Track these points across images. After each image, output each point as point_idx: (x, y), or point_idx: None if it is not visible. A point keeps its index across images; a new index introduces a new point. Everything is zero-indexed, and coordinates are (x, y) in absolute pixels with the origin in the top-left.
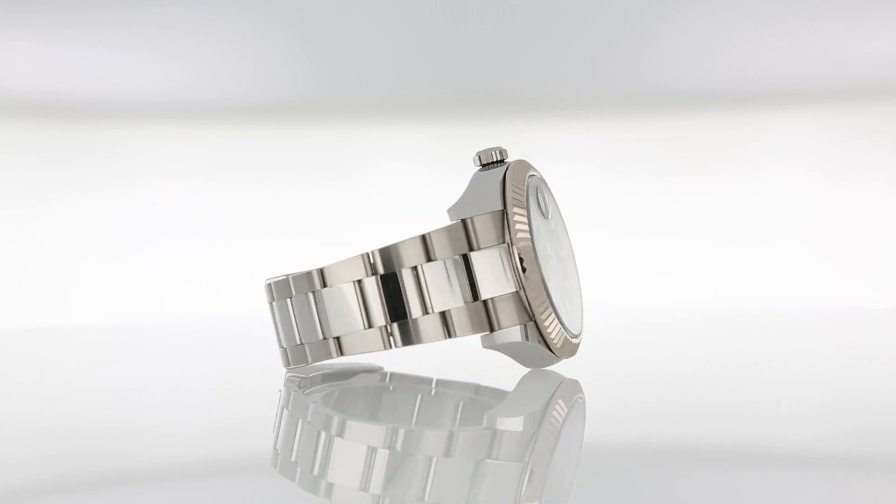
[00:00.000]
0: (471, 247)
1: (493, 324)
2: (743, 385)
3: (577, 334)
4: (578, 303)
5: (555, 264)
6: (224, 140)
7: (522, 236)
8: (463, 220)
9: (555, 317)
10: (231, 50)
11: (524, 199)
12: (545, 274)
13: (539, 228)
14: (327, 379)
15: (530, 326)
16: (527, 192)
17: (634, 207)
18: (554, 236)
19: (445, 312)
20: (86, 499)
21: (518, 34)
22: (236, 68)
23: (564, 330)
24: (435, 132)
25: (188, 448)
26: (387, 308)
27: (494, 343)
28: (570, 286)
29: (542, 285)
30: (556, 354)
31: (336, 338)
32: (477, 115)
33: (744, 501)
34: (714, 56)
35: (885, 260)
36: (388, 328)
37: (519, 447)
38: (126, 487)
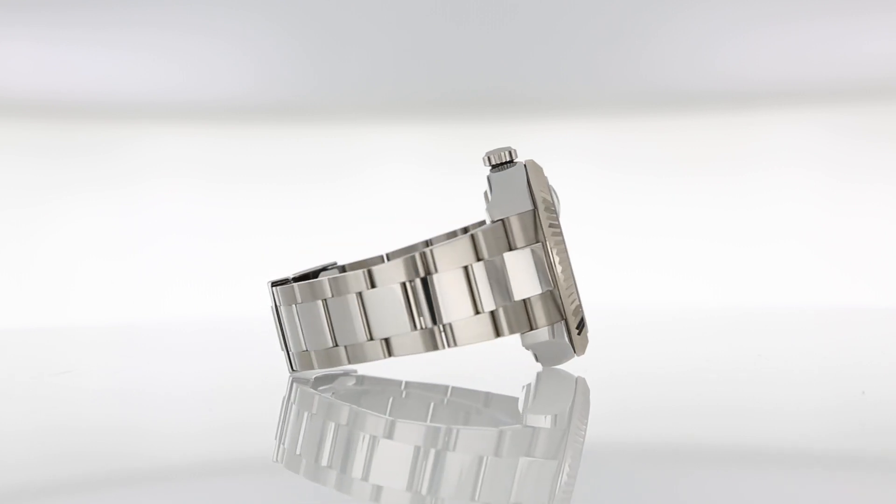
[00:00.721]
0: (510, 246)
1: (532, 322)
2: (743, 385)
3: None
4: None
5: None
6: (224, 140)
7: (557, 236)
8: (501, 221)
9: (581, 314)
10: (231, 50)
11: (551, 199)
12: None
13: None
14: (317, 383)
15: (558, 324)
16: (550, 192)
17: (634, 207)
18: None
19: (494, 312)
20: (86, 499)
21: (518, 34)
22: (236, 68)
23: (585, 327)
24: (435, 132)
25: (188, 448)
26: (434, 309)
27: (529, 342)
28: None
29: (574, 284)
30: (577, 352)
31: (385, 339)
32: (477, 115)
33: (743, 501)
34: (714, 56)
35: (885, 260)
36: (442, 328)
37: (551, 444)
38: (125, 488)
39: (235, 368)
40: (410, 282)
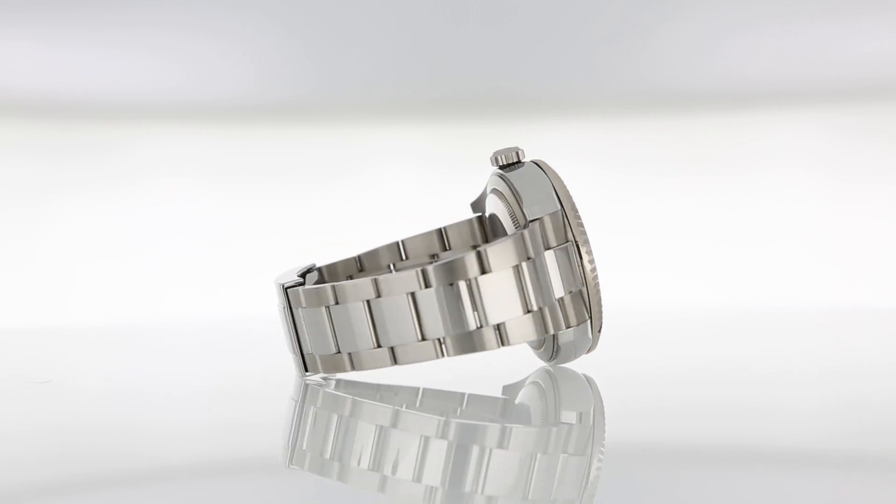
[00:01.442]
0: (546, 246)
1: (565, 322)
2: (743, 385)
3: None
4: None
5: None
6: (224, 140)
7: (584, 235)
8: (537, 220)
9: (601, 312)
10: (231, 50)
11: (571, 198)
12: None
13: None
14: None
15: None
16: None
17: (634, 207)
18: None
19: (542, 310)
20: (85, 499)
21: (518, 34)
22: (236, 68)
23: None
24: (435, 132)
25: (188, 448)
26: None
27: (562, 340)
28: None
29: (597, 284)
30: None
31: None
32: (477, 115)
33: (743, 501)
34: (714, 56)
35: (885, 260)
36: (500, 328)
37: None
38: (125, 487)
39: (235, 368)
40: (475, 279)
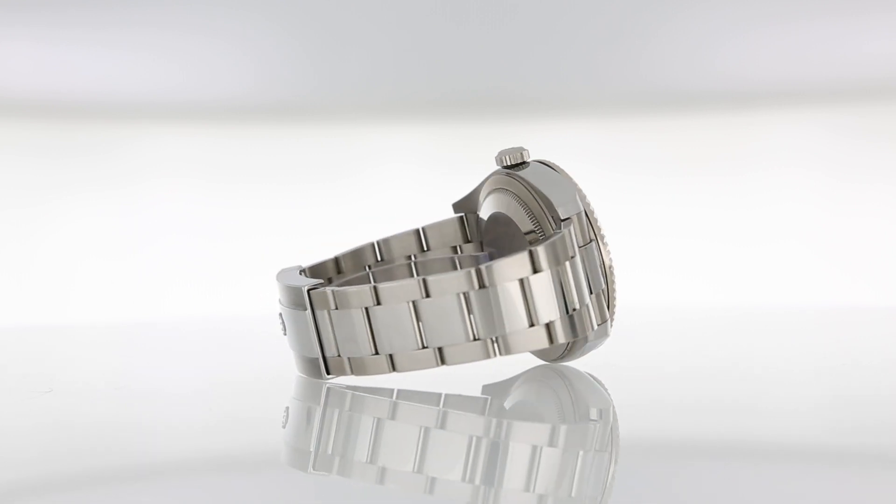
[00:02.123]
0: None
1: (590, 323)
2: (742, 385)
3: None
4: None
5: None
6: (224, 140)
7: (601, 231)
8: (568, 219)
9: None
10: (231, 50)
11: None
12: None
13: None
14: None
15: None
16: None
17: (634, 207)
18: None
19: (580, 309)
20: (85, 496)
21: (518, 34)
22: (236, 68)
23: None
24: (435, 132)
25: (188, 447)
26: (562, 300)
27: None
28: None
29: (615, 280)
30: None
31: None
32: (477, 115)
33: (743, 499)
34: (714, 56)
35: (885, 260)
36: (562, 323)
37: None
38: (125, 486)
39: (235, 368)
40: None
